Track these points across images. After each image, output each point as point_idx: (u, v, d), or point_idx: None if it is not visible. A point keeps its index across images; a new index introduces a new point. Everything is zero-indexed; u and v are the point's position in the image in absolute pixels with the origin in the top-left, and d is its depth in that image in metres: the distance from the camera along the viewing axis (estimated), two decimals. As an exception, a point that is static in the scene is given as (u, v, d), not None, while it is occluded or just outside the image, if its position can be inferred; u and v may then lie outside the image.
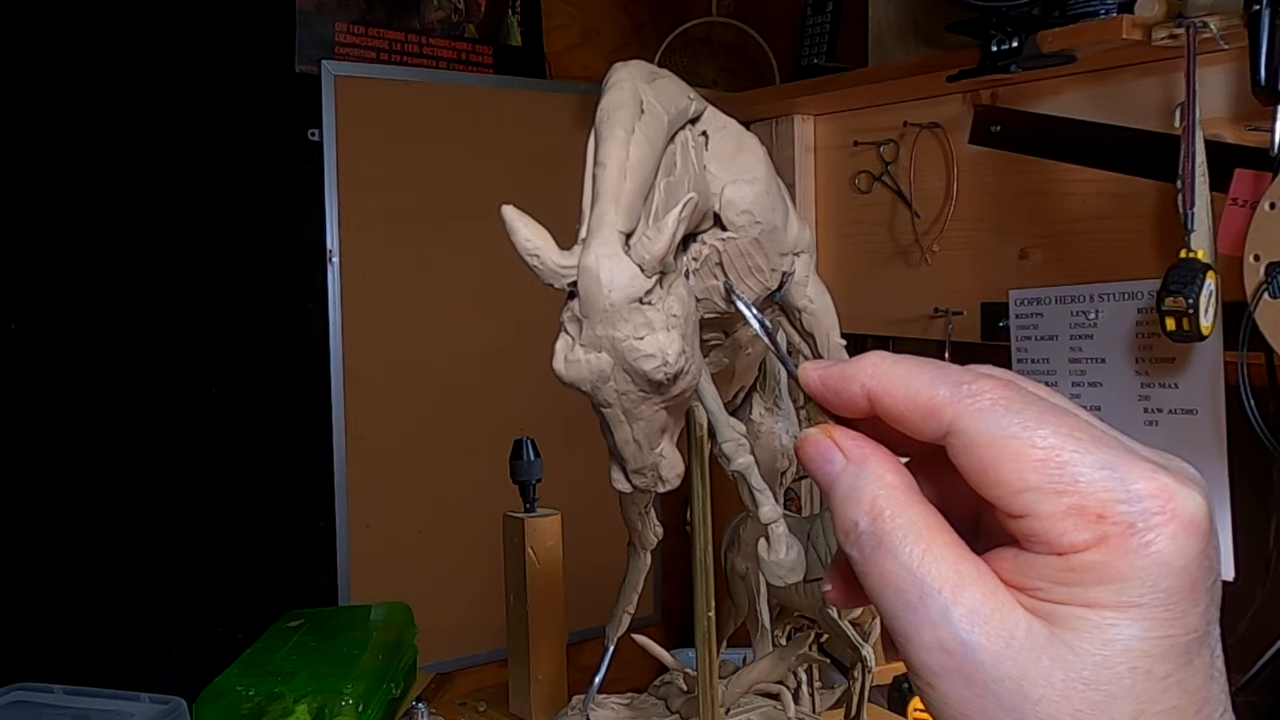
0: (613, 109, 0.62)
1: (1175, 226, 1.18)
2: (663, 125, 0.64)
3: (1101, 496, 0.29)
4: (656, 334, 0.58)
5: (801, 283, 0.79)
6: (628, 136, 0.61)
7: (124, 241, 1.74)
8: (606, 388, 0.60)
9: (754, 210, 0.72)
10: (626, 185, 0.60)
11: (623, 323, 0.58)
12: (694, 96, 0.70)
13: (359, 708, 1.17)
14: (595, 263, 0.57)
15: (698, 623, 0.91)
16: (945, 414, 0.32)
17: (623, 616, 1.10)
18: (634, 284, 0.58)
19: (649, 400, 0.61)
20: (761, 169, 0.74)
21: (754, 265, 0.75)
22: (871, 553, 0.32)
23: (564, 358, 0.60)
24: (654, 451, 0.65)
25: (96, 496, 1.72)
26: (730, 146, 0.73)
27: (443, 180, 1.98)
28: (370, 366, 1.94)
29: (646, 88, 0.65)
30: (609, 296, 0.57)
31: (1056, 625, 0.30)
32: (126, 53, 1.72)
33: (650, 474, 0.66)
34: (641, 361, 0.58)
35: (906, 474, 0.33)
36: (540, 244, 0.58)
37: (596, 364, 0.59)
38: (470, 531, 1.91)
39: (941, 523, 0.32)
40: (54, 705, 1.31)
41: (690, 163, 0.68)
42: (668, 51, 2.10)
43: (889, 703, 1.31)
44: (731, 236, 0.73)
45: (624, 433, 0.63)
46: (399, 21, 1.96)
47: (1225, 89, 1.24)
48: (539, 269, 0.59)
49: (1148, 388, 1.33)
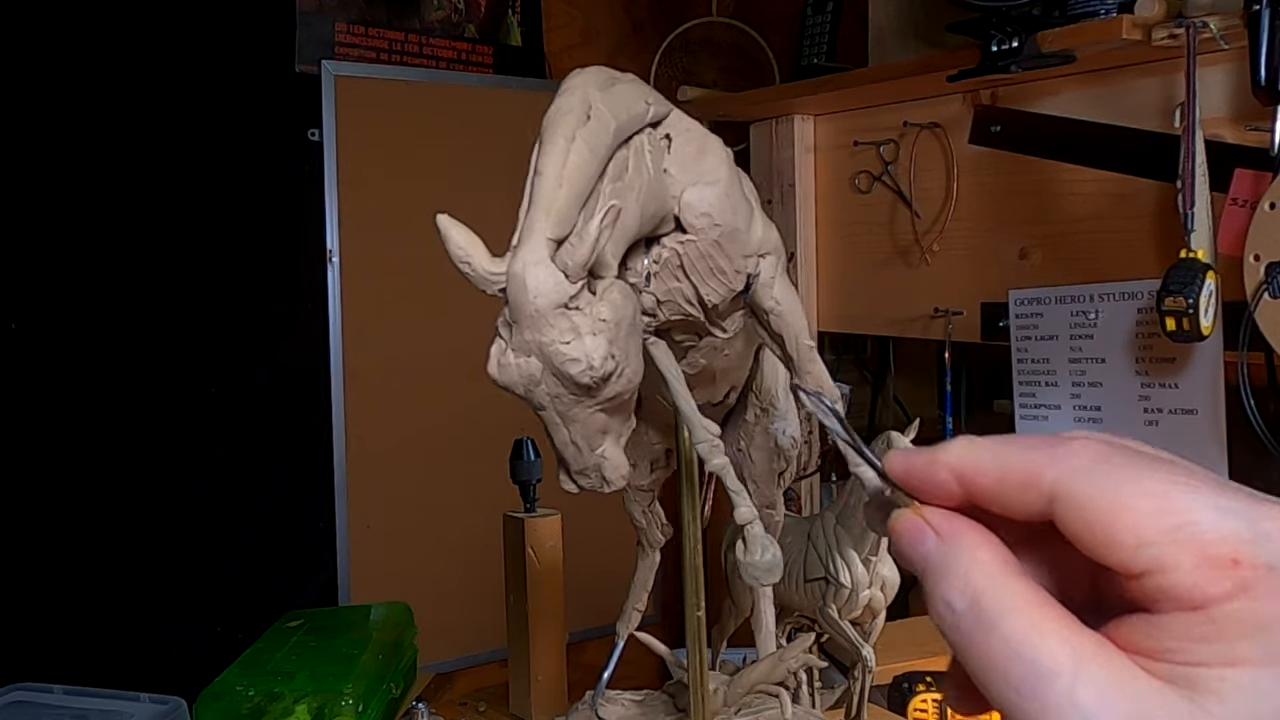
0: (557, 116, 0.64)
1: (1175, 226, 1.18)
2: (608, 131, 0.65)
3: (1231, 541, 0.27)
4: (582, 339, 0.60)
5: (768, 284, 0.79)
6: (567, 144, 0.63)
7: (124, 241, 1.74)
8: (538, 391, 0.62)
9: (713, 213, 0.73)
10: (561, 193, 0.62)
11: (548, 327, 0.60)
12: (654, 100, 0.71)
13: (359, 708, 1.17)
14: (521, 269, 0.60)
15: (688, 622, 0.92)
16: (1044, 481, 0.29)
17: (632, 614, 1.11)
18: (558, 290, 0.60)
19: (582, 403, 0.63)
20: (723, 171, 0.75)
21: (716, 267, 0.75)
22: (972, 634, 0.29)
23: (496, 361, 0.62)
24: (595, 453, 0.66)
25: (96, 496, 1.72)
26: (692, 149, 0.74)
27: (443, 180, 1.98)
28: (370, 366, 1.94)
29: (598, 94, 0.66)
30: (534, 302, 0.59)
31: (1197, 691, 0.27)
32: (127, 53, 1.72)
33: (594, 475, 0.67)
34: (567, 365, 0.60)
35: (1004, 549, 0.31)
36: (471, 251, 0.61)
37: (526, 368, 0.61)
38: (470, 531, 1.91)
39: (1046, 596, 0.29)
40: (54, 705, 1.31)
41: (645, 167, 0.69)
42: (668, 51, 2.10)
43: (889, 703, 1.31)
44: (691, 239, 0.74)
45: (562, 435, 0.65)
46: (399, 21, 1.96)
47: (1225, 89, 1.24)
48: (470, 275, 0.61)
49: (1148, 388, 1.33)
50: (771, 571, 0.80)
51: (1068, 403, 1.42)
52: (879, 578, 1.09)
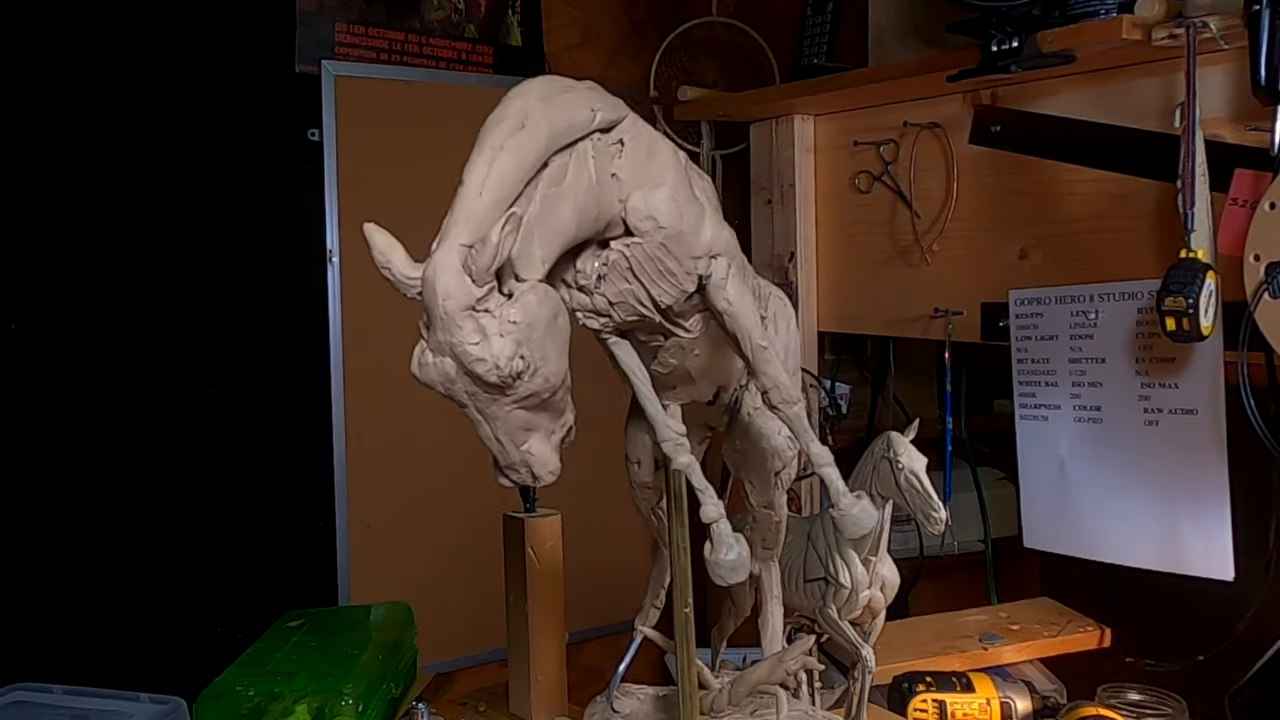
0: (492, 126, 0.68)
1: (1175, 226, 1.18)
2: (540, 140, 0.68)
3: None
4: (489, 340, 0.64)
5: (719, 285, 0.80)
6: (494, 154, 0.66)
7: (124, 241, 1.73)
8: (456, 389, 0.66)
9: (658, 215, 0.74)
10: (481, 200, 0.65)
11: (457, 329, 0.63)
12: (601, 107, 0.74)
13: (359, 708, 1.17)
14: (432, 274, 0.63)
15: (676, 620, 0.92)
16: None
17: (650, 609, 1.13)
18: (464, 293, 0.63)
19: (498, 401, 0.67)
20: (669, 175, 0.76)
21: (664, 269, 0.77)
22: None
23: (417, 361, 0.66)
24: (521, 449, 0.70)
25: (96, 496, 1.72)
26: (642, 153, 0.76)
27: (443, 180, 1.97)
28: (370, 366, 1.94)
29: (536, 103, 0.69)
30: (444, 305, 0.63)
31: None
32: (127, 53, 1.72)
33: (522, 470, 0.71)
34: (474, 365, 0.64)
35: None
36: (392, 257, 0.66)
37: (442, 367, 0.65)
38: (470, 531, 1.91)
39: None
40: (54, 705, 1.31)
41: (587, 172, 0.71)
42: (668, 51, 2.10)
43: (889, 703, 1.31)
44: (638, 241, 0.75)
45: (484, 430, 0.69)
46: (399, 21, 1.96)
47: (1225, 89, 1.24)
48: (390, 280, 0.65)
49: (1148, 388, 1.33)
50: (736, 570, 0.82)
51: (1068, 403, 1.42)
52: (879, 578, 1.09)
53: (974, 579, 2.02)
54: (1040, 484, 1.46)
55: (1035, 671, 1.47)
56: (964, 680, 1.30)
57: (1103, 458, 1.38)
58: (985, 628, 1.54)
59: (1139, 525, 1.35)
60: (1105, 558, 1.40)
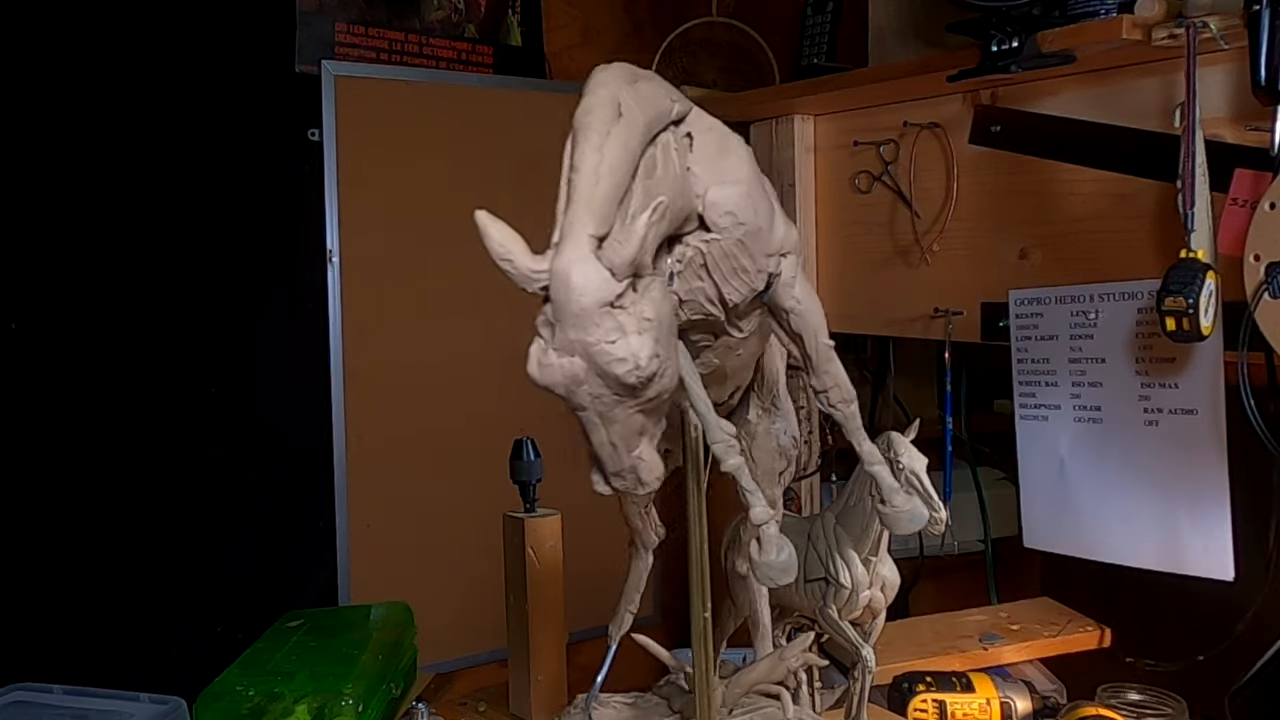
0: (589, 113, 0.63)
1: (1175, 226, 1.18)
2: (639, 128, 0.64)
3: None
4: (628, 338, 0.59)
5: (788, 284, 0.79)
6: (602, 141, 0.62)
7: (124, 241, 1.73)
8: (580, 391, 0.61)
9: (737, 212, 0.72)
10: (599, 189, 0.60)
11: (594, 327, 0.58)
12: (677, 98, 0.70)
13: (359, 708, 1.17)
14: (566, 267, 0.58)
15: (694, 623, 0.91)
16: None
17: (625, 615, 1.11)
18: (604, 288, 0.58)
19: (623, 403, 0.62)
20: (745, 170, 0.74)
21: (739, 266, 0.75)
22: None
23: (537, 361, 0.61)
24: (632, 454, 0.65)
25: (96, 496, 1.72)
26: (714, 148, 0.73)
27: (443, 180, 1.98)
28: (370, 366, 1.94)
29: (626, 90, 0.65)
30: (580, 301, 0.58)
31: None
32: (126, 53, 1.72)
33: (629, 476, 0.66)
34: (613, 365, 0.59)
35: None
36: (513, 249, 0.59)
37: (569, 368, 0.60)
38: (470, 531, 1.91)
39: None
40: (54, 705, 1.31)
41: (672, 164, 0.68)
42: (668, 51, 2.10)
43: (889, 703, 1.31)
44: (715, 238, 0.72)
45: (600, 435, 0.64)
46: (399, 21, 1.96)
47: (1225, 89, 1.24)
48: (511, 274, 0.60)
49: (1148, 388, 1.33)
50: (787, 571, 0.79)
51: (1068, 403, 1.42)
52: (879, 578, 1.09)
53: (974, 579, 2.02)
54: (1040, 484, 1.46)
55: (1035, 671, 1.47)
56: (964, 680, 1.30)
57: (1103, 458, 1.38)
58: (985, 628, 1.55)
59: (1139, 525, 1.35)
60: (1105, 558, 1.40)
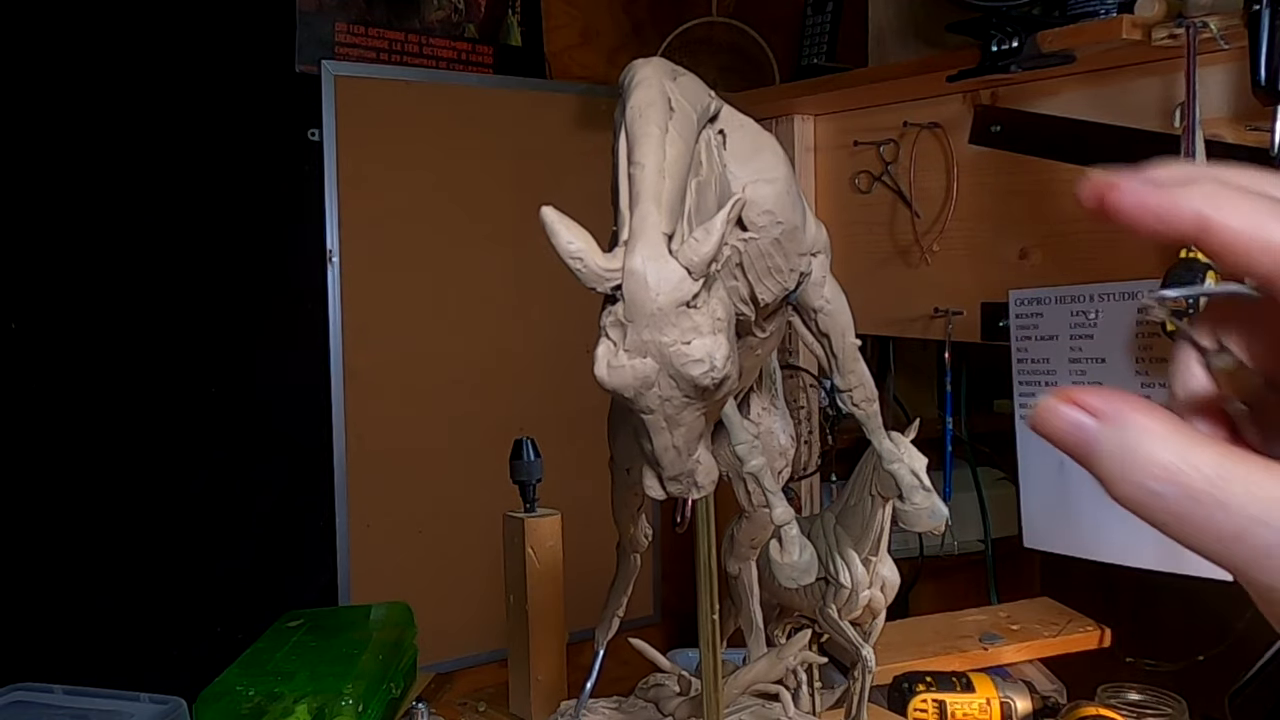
0: (644, 107, 0.61)
1: (1175, 226, 1.18)
2: (692, 123, 0.63)
3: None
4: (704, 338, 0.57)
5: (818, 283, 0.78)
6: (662, 135, 0.60)
7: (124, 241, 1.74)
8: (650, 394, 0.59)
9: (776, 210, 0.70)
10: (666, 185, 0.59)
11: (670, 327, 0.57)
12: (712, 95, 0.69)
13: (359, 708, 1.17)
14: (642, 266, 0.56)
15: (702, 626, 0.90)
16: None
17: (612, 620, 1.10)
18: (682, 287, 0.56)
19: (691, 406, 0.60)
20: (781, 168, 0.73)
21: (773, 266, 0.74)
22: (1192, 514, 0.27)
23: (606, 364, 0.58)
24: (691, 458, 0.63)
25: (96, 497, 1.72)
26: (748, 146, 0.72)
27: (443, 180, 1.98)
28: (370, 366, 1.94)
29: (672, 85, 0.63)
30: (656, 300, 0.56)
31: None
32: (127, 53, 1.72)
33: (686, 480, 0.65)
34: (690, 367, 0.57)
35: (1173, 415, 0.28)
36: (583, 247, 0.57)
37: (641, 369, 0.58)
38: (470, 531, 1.91)
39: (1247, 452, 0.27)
40: (54, 705, 1.31)
41: (714, 162, 0.67)
42: (667, 52, 2.10)
43: (889, 703, 1.31)
44: (753, 237, 0.71)
45: (664, 439, 0.62)
46: (399, 21, 1.96)
47: (1225, 89, 1.24)
48: (582, 272, 0.57)
49: (1148, 388, 1.33)
50: (808, 571, 0.79)
51: (1068, 403, 1.42)
52: (879, 578, 1.08)
53: (974, 579, 2.02)
54: (1040, 484, 1.46)
55: (1035, 671, 1.47)
56: (964, 680, 1.30)
57: (1103, 458, 1.37)
58: (985, 628, 1.54)
59: (1139, 525, 1.34)
60: (1105, 558, 1.40)
